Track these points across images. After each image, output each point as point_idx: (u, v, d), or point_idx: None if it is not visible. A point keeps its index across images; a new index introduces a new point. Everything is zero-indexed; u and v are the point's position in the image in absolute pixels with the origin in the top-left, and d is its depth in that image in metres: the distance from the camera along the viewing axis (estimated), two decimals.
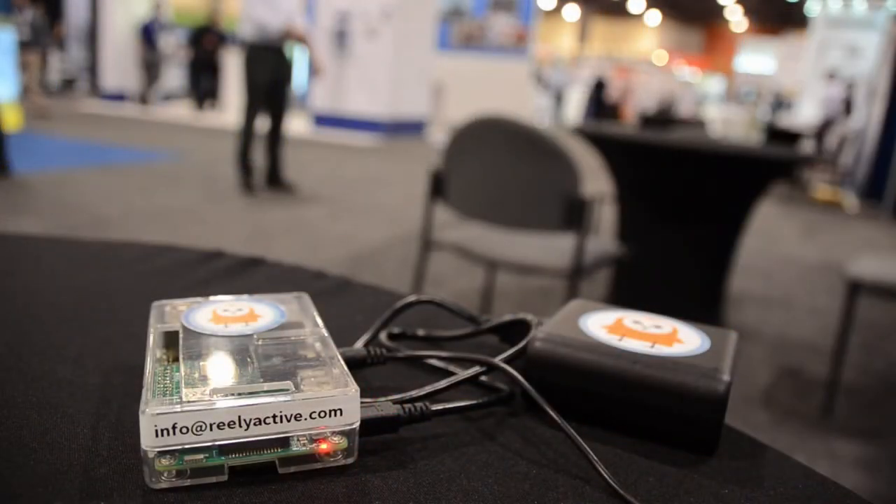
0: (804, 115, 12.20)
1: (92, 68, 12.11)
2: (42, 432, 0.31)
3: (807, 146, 7.45)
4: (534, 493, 0.29)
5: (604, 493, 0.30)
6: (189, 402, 0.27)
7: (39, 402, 0.34)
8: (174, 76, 12.12)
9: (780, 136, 7.77)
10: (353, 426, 0.29)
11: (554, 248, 1.94)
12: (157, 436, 0.26)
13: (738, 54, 26.86)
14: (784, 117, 13.21)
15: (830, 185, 7.68)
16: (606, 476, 0.30)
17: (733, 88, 25.69)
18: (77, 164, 5.55)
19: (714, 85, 26.27)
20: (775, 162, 2.41)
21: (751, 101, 15.36)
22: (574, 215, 1.71)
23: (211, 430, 0.27)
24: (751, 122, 14.60)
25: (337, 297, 0.53)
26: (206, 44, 10.65)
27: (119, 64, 11.00)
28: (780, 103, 14.76)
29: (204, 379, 0.29)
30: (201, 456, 0.27)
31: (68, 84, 13.60)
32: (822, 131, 8.51)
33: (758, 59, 25.52)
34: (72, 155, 5.99)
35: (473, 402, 0.36)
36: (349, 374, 0.30)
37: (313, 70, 4.97)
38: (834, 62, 12.20)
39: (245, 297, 0.40)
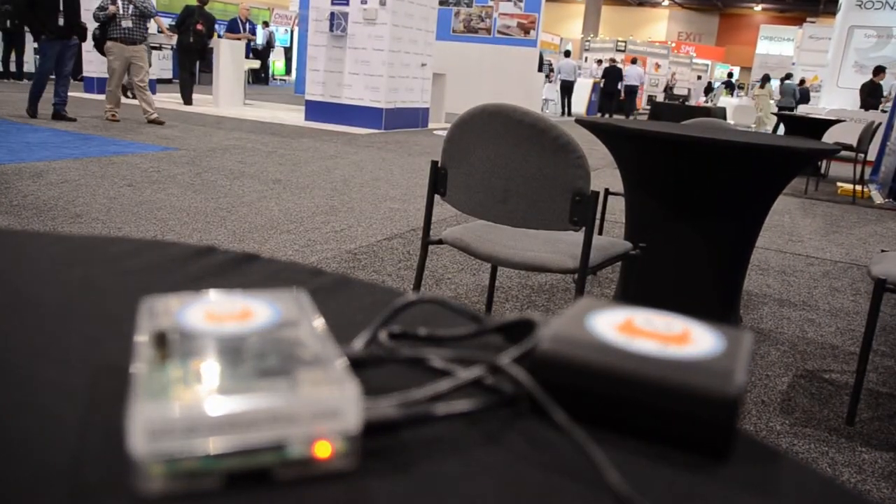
0: (826, 104, 12.16)
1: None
2: (27, 437, 0.31)
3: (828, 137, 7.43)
4: (539, 498, 0.30)
5: (612, 499, 0.30)
6: (181, 403, 0.27)
7: (23, 404, 0.34)
8: (160, 64, 12.10)
9: (799, 126, 7.76)
10: (353, 429, 0.30)
11: (561, 246, 1.94)
12: (148, 439, 0.27)
13: (755, 41, 26.85)
14: (802, 106, 13.18)
15: (855, 178, 7.65)
16: (615, 482, 0.30)
17: (750, 76, 25.74)
18: (57, 156, 5.55)
19: (729, 72, 26.25)
20: (797, 154, 2.41)
21: (769, 89, 15.39)
22: (582, 211, 1.71)
23: (204, 433, 0.27)
24: (765, 111, 14.60)
25: (335, 294, 0.53)
26: (194, 28, 10.61)
27: None
28: (802, 91, 14.75)
29: (197, 379, 0.30)
30: (194, 460, 0.28)
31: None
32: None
33: (777, 46, 25.51)
34: (52, 146, 5.99)
35: (477, 404, 0.36)
36: (349, 374, 0.31)
37: None
38: (861, 46, 12.12)
39: (239, 294, 0.40)
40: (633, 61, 20.43)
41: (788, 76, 16.36)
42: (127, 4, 7.59)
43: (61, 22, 7.10)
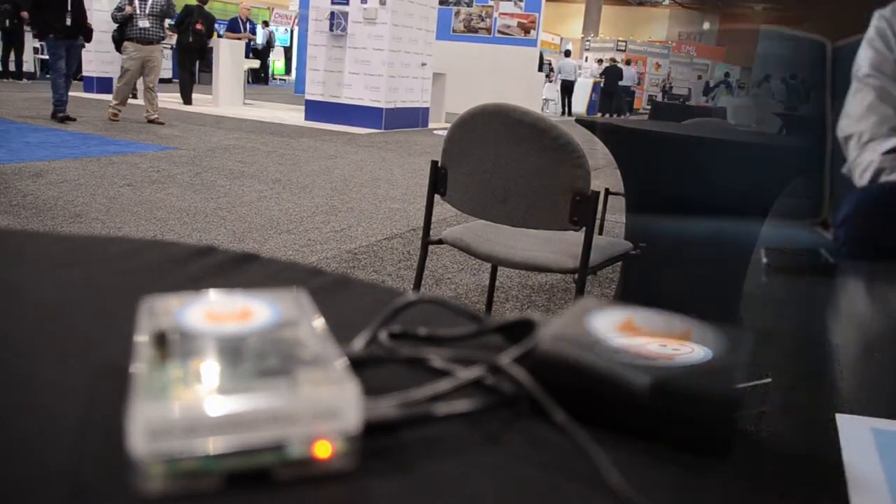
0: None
1: None
2: (27, 437, 0.31)
3: None
4: (540, 498, 0.30)
5: (612, 499, 0.30)
6: (181, 403, 0.27)
7: (23, 404, 0.34)
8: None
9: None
10: (353, 429, 0.30)
11: (561, 246, 1.94)
12: (148, 439, 0.27)
13: (756, 40, 26.87)
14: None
15: None
16: (615, 482, 0.30)
17: (750, 76, 25.80)
18: (56, 156, 5.55)
19: (728, 72, 26.29)
20: (800, 154, 2.40)
21: (766, 88, 15.39)
22: (582, 211, 1.71)
23: (204, 433, 0.27)
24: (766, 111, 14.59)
25: (335, 294, 0.53)
26: (193, 27, 10.60)
27: (102, 49, 10.95)
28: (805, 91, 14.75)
29: (197, 379, 0.30)
30: (194, 460, 0.28)
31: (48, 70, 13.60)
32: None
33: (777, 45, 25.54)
34: (51, 146, 5.99)
35: (477, 404, 0.36)
36: (349, 374, 0.31)
37: None
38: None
39: (239, 294, 0.40)
40: (628, 63, 20.90)
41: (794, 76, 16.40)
42: (143, 4, 7.56)
43: (68, 22, 7.12)
